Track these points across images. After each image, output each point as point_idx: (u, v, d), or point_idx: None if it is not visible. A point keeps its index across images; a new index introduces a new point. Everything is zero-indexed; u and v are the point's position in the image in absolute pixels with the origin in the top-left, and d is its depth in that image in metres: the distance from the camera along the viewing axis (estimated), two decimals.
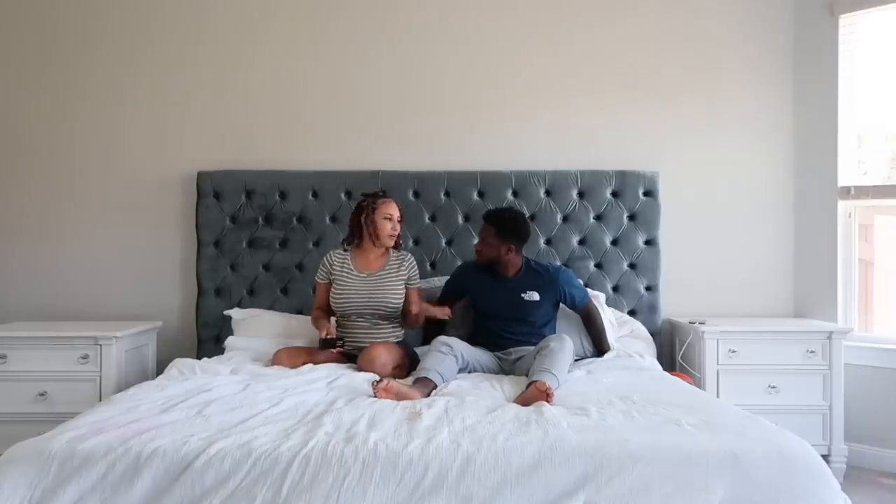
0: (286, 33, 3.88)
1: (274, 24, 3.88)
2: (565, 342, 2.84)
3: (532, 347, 2.98)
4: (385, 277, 3.18)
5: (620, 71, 3.86)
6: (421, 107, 3.87)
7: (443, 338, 2.94)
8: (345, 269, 3.21)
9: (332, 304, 3.20)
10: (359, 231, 3.23)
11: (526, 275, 3.20)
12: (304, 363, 2.99)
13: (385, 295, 3.14)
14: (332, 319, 3.27)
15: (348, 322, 3.18)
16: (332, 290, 3.20)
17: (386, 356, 2.91)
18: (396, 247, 3.29)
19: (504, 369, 3.08)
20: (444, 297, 3.34)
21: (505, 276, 3.19)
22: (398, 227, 3.24)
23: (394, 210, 3.23)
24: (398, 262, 3.24)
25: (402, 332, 3.25)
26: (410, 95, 3.87)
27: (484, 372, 3.01)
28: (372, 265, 3.23)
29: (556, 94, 3.87)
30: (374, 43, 3.88)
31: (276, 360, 3.04)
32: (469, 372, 2.96)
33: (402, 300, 3.18)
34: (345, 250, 3.28)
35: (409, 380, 2.79)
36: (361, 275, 3.18)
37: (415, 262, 3.28)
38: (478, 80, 3.87)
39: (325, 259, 3.29)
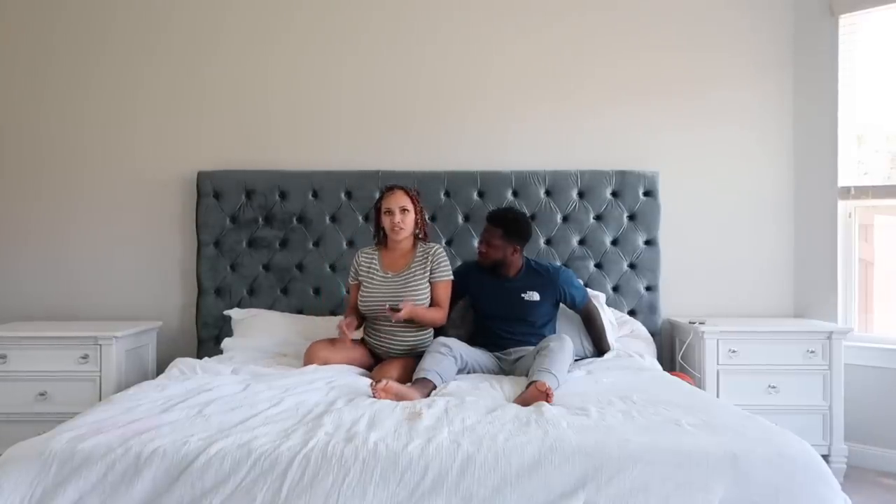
0: (286, 34, 3.88)
1: (274, 24, 3.88)
2: (565, 342, 2.84)
3: (532, 347, 2.98)
4: (409, 277, 3.08)
5: (621, 72, 3.86)
6: (421, 106, 3.87)
7: (442, 339, 2.93)
8: (372, 269, 3.13)
9: (359, 305, 3.13)
10: (378, 231, 3.19)
11: (526, 275, 3.19)
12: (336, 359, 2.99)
13: (408, 296, 3.03)
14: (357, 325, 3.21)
15: (377, 324, 3.12)
16: (360, 291, 3.13)
17: (395, 375, 2.86)
18: (424, 239, 3.17)
19: (504, 369, 3.08)
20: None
21: (506, 276, 3.18)
22: (402, 218, 3.05)
23: (392, 202, 3.06)
24: (423, 257, 3.11)
25: (431, 334, 3.15)
26: (411, 95, 3.87)
27: (483, 372, 3.01)
28: (397, 264, 3.13)
29: (557, 94, 3.87)
30: (374, 43, 3.88)
31: (310, 354, 2.99)
32: (468, 373, 2.96)
33: (429, 298, 3.09)
34: (374, 249, 3.20)
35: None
36: (387, 276, 3.09)
37: (441, 253, 3.13)
38: (478, 79, 3.87)
39: (354, 259, 3.21)
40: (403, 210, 3.07)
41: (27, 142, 3.87)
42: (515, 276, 3.19)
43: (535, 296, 3.14)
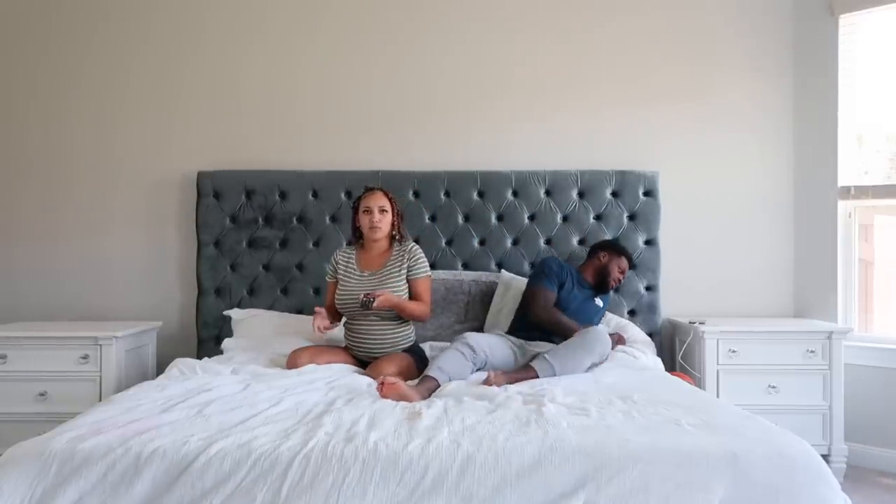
0: (286, 34, 3.88)
1: (273, 24, 3.88)
2: (587, 338, 2.91)
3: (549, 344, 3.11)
4: (386, 276, 3.10)
5: (621, 71, 3.87)
6: (421, 107, 3.87)
7: (467, 337, 2.92)
8: (349, 269, 3.16)
9: (335, 304, 3.16)
10: (355, 230, 3.22)
11: None
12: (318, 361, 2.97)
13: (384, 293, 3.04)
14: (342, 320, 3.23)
15: (354, 323, 3.13)
16: (337, 290, 3.15)
17: (393, 371, 2.86)
18: (400, 240, 3.19)
19: (517, 361, 3.08)
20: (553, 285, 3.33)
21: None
22: (381, 217, 3.09)
23: (372, 202, 3.10)
24: (400, 256, 3.14)
25: (412, 330, 3.18)
26: (410, 95, 3.88)
27: (500, 369, 2.97)
28: (374, 263, 3.15)
29: (557, 94, 3.87)
30: (374, 43, 3.88)
31: (292, 361, 2.97)
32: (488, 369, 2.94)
33: (406, 296, 3.10)
34: (352, 249, 3.23)
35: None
36: (363, 274, 3.12)
37: (418, 251, 3.15)
38: (478, 79, 3.87)
39: (332, 257, 3.25)
40: (382, 210, 3.12)
41: (27, 142, 3.87)
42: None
43: (601, 303, 3.40)
